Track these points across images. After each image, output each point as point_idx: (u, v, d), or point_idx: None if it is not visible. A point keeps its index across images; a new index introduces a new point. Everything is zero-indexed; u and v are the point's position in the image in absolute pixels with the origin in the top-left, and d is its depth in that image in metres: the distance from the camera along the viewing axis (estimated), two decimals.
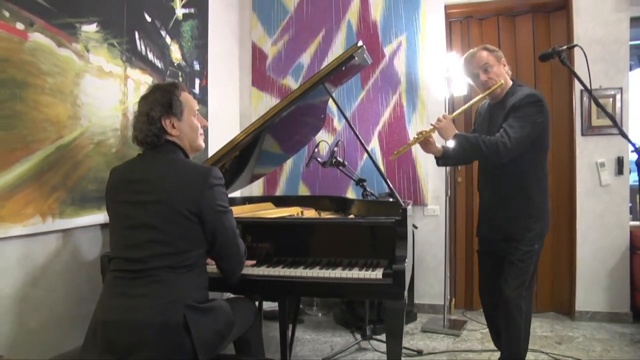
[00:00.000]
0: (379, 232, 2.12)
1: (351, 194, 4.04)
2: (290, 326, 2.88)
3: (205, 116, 3.78)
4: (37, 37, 2.15)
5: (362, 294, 2.39)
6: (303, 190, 4.19)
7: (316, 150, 3.10)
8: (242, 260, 1.85)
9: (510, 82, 2.53)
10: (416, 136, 2.54)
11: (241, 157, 2.64)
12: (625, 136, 2.13)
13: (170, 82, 1.94)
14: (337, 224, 2.29)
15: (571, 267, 3.80)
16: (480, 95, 2.55)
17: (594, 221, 3.74)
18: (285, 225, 2.32)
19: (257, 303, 2.61)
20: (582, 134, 3.75)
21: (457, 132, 2.45)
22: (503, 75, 2.49)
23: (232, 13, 4.32)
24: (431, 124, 2.56)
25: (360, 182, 3.13)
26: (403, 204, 2.20)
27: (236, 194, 3.95)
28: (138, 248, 1.63)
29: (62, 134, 2.30)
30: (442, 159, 2.68)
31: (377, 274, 1.93)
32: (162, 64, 3.27)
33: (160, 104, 1.77)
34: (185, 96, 1.85)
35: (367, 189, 3.14)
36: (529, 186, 2.44)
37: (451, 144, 2.49)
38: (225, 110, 4.19)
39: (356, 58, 2.44)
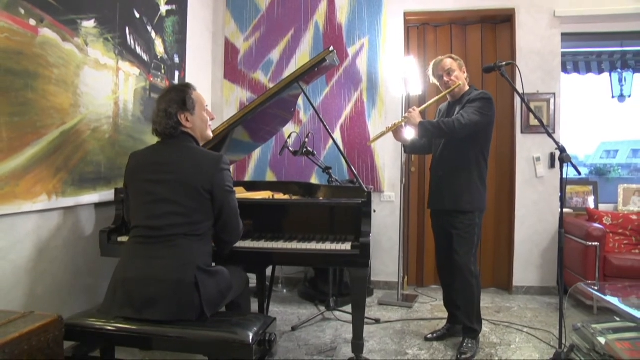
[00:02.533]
0: (347, 211, 2.48)
1: (315, 180, 4.41)
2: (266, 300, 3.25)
3: None
4: (46, 32, 2.39)
5: (334, 263, 2.81)
6: (270, 177, 4.52)
7: (288, 140, 3.44)
8: (239, 234, 2.19)
9: (468, 87, 3.07)
10: (391, 125, 3.05)
11: (215, 145, 2.84)
12: (550, 136, 2.61)
13: (183, 84, 2.28)
14: (311, 204, 2.66)
15: (510, 248, 4.34)
16: (443, 93, 3.06)
17: (530, 208, 4.29)
18: (266, 206, 2.65)
19: None
20: (522, 132, 4.28)
21: (422, 119, 2.93)
22: (462, 79, 3.02)
23: (207, 10, 4.57)
24: (403, 116, 3.05)
25: (326, 170, 3.50)
26: (366, 189, 2.55)
27: None
28: (159, 218, 1.95)
29: (65, 121, 2.54)
30: (410, 146, 3.32)
31: (347, 246, 2.32)
32: (148, 57, 3.51)
33: (176, 101, 2.11)
34: (196, 94, 2.18)
35: (333, 175, 3.52)
36: (472, 168, 2.95)
37: (411, 134, 3.06)
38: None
39: (327, 61, 2.82)
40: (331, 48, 2.79)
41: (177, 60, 3.95)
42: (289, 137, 3.51)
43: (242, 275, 2.33)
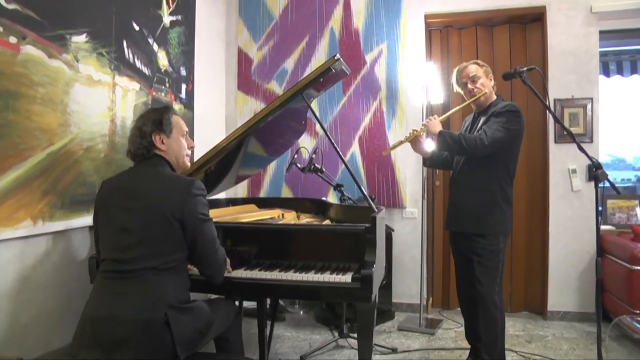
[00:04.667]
0: (350, 238, 2.23)
1: (332, 196, 4.17)
2: (269, 324, 3.02)
3: (191, 119, 3.91)
4: (29, 50, 2.26)
5: (333, 297, 2.50)
6: (286, 192, 4.32)
7: (296, 156, 3.22)
8: (220, 267, 1.97)
9: (495, 96, 2.80)
10: (408, 134, 2.80)
11: (226, 159, 2.75)
12: (581, 148, 2.29)
13: (164, 105, 2.13)
14: (311, 230, 2.43)
15: (544, 269, 3.97)
16: (466, 102, 2.80)
17: (566, 225, 3.91)
18: (263, 231, 2.44)
19: (237, 302, 2.74)
20: (555, 142, 3.92)
21: (442, 129, 2.69)
22: (488, 87, 2.76)
23: (218, 19, 4.43)
24: (422, 123, 2.79)
25: (338, 187, 3.27)
26: (375, 210, 2.32)
27: (222, 195, 4.08)
28: (126, 250, 1.77)
29: (53, 141, 2.41)
30: (429, 159, 3.03)
31: (347, 278, 2.06)
32: (149, 70, 3.38)
33: (152, 120, 1.97)
34: (176, 118, 2.06)
35: (345, 193, 3.28)
36: (495, 187, 2.67)
37: (431, 145, 2.82)
38: (212, 113, 4.31)
39: (333, 70, 2.59)
40: (337, 56, 2.54)
41: (183, 72, 3.81)
42: (297, 152, 3.29)
43: (228, 308, 2.14)
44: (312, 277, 2.12)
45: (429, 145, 2.90)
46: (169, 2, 3.62)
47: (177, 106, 3.71)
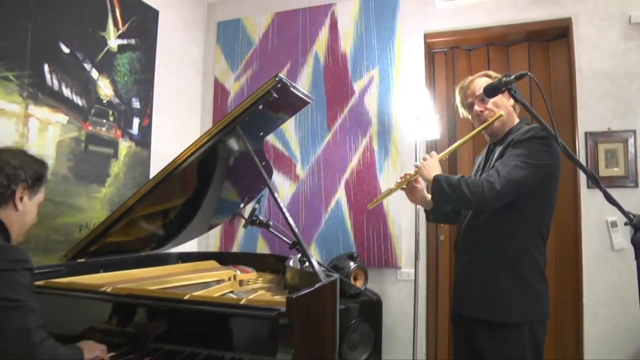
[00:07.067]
0: (262, 324, 1.57)
1: (315, 250, 3.47)
2: None
3: (146, 159, 3.37)
4: None
5: None
6: (262, 246, 3.66)
7: (242, 205, 2.57)
8: None
9: (517, 120, 2.04)
10: (399, 180, 2.13)
11: (191, 203, 2.43)
12: (609, 199, 1.50)
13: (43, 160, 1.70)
14: (210, 311, 1.72)
15: (578, 354, 3.04)
16: (475, 131, 2.06)
17: (606, 294, 2.98)
18: (155, 308, 1.77)
19: None
20: (588, 187, 3.06)
21: (439, 172, 1.96)
22: (505, 108, 2.01)
23: (194, 46, 3.94)
24: (415, 165, 2.09)
25: (295, 246, 2.56)
26: (322, 278, 1.76)
27: (192, 244, 3.52)
28: None
29: None
30: (433, 211, 2.24)
31: None
32: (84, 101, 2.89)
33: (34, 170, 1.61)
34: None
35: (307, 250, 2.57)
36: (519, 252, 1.88)
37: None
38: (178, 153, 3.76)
39: (274, 94, 2.00)
40: (278, 77, 1.94)
41: (136, 104, 3.30)
42: (243, 205, 2.61)
43: None
44: None
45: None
46: (117, 23, 3.14)
47: (125, 143, 3.19)
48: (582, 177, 3.06)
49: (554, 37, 3.32)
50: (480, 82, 2.01)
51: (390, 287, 3.36)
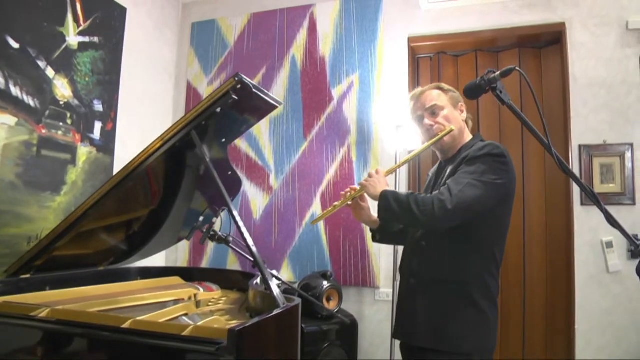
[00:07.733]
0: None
1: (287, 268, 3.23)
2: None
3: (109, 166, 3.13)
4: None
5: None
6: (232, 262, 3.41)
7: (202, 218, 2.33)
8: None
9: (470, 136, 1.90)
10: (342, 197, 1.95)
11: (157, 214, 2.26)
12: (608, 218, 1.31)
13: None
14: (145, 344, 1.47)
15: None
16: (423, 146, 1.91)
17: (600, 320, 2.77)
18: (87, 337, 1.51)
19: None
20: (582, 204, 2.84)
21: (387, 188, 1.78)
22: (457, 122, 1.86)
23: (166, 48, 3.72)
24: (359, 182, 1.90)
25: (255, 265, 2.33)
26: (281, 303, 1.56)
27: (160, 257, 3.29)
28: None
29: None
30: (379, 231, 2.06)
31: None
32: (37, 101, 2.66)
33: None
34: None
35: (274, 275, 2.33)
36: (469, 276, 1.72)
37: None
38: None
39: (234, 96, 1.79)
40: (237, 77, 1.72)
41: (99, 107, 3.06)
42: (202, 214, 2.38)
43: None
44: None
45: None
46: (78, 19, 2.92)
47: (85, 149, 2.96)
48: (576, 193, 2.84)
49: (546, 42, 3.13)
50: (432, 95, 1.89)
51: (368, 308, 3.13)
